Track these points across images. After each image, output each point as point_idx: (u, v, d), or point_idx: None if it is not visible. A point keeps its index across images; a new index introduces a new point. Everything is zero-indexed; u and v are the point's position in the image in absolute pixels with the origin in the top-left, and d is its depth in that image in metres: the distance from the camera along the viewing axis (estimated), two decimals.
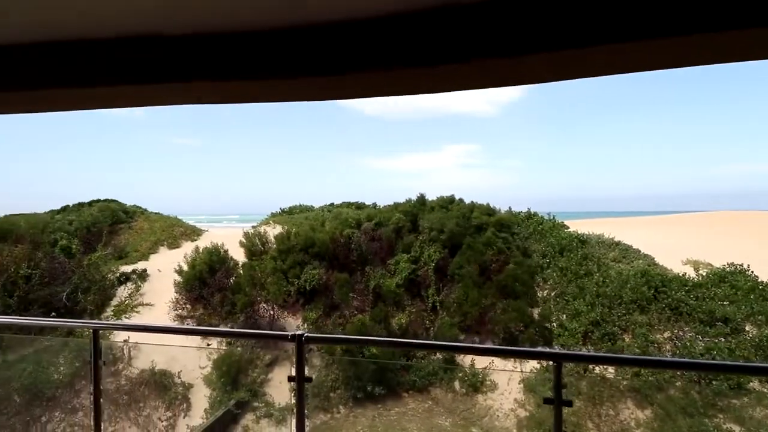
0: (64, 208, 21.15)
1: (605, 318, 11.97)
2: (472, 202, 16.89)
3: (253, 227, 16.56)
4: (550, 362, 2.49)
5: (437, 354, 12.43)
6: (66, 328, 2.92)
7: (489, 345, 11.34)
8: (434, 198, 16.69)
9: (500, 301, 12.70)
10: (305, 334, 2.52)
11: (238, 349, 11.70)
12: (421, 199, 16.30)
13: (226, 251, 13.40)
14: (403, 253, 13.93)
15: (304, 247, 13.60)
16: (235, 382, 10.73)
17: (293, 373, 2.56)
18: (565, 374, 2.24)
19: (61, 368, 10.37)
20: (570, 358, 4.29)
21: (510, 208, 17.51)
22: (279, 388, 11.26)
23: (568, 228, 16.81)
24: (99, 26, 1.21)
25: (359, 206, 19.45)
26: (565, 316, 12.64)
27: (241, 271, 12.56)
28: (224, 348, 11.79)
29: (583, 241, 15.34)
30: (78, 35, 1.26)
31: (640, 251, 15.62)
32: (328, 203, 22.78)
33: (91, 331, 2.79)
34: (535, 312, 13.00)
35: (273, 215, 20.61)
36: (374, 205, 19.03)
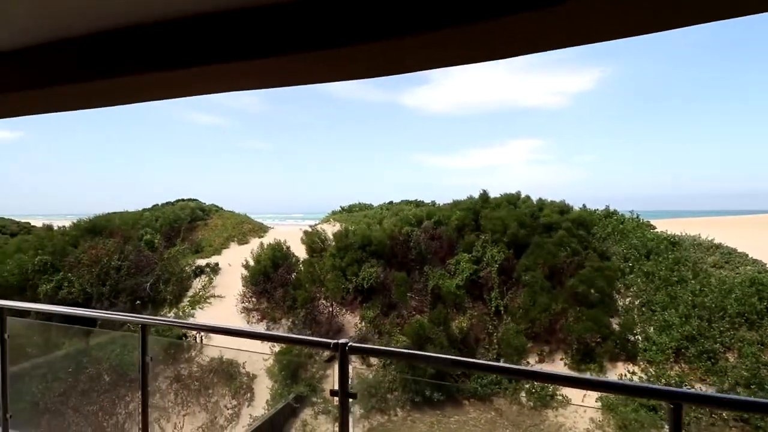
0: (154, 207, 23.51)
1: (703, 333, 10.32)
2: (540, 198, 15.66)
3: (311, 226, 16.91)
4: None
5: (502, 361, 11.62)
6: (119, 320, 2.96)
7: (574, 374, 9.95)
8: (498, 195, 15.75)
9: (573, 308, 11.54)
10: (349, 344, 2.20)
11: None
12: (484, 196, 15.44)
13: (288, 248, 13.79)
14: (464, 253, 13.27)
15: (361, 245, 13.53)
16: (295, 376, 10.93)
17: (336, 386, 2.25)
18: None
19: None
20: (693, 399, 3.21)
21: (584, 205, 15.96)
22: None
23: (654, 228, 14.88)
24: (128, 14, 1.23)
25: (419, 204, 19.04)
26: (652, 328, 11.13)
27: (302, 268, 12.81)
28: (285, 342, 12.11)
29: (674, 242, 13.44)
30: (114, 24, 1.31)
31: (747, 256, 13.31)
32: (388, 201, 22.69)
33: (139, 326, 2.72)
34: (615, 322, 11.63)
35: (333, 213, 20.99)
36: (434, 203, 18.51)
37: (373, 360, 11.84)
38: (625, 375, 10.44)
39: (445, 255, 13.50)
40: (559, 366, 11.14)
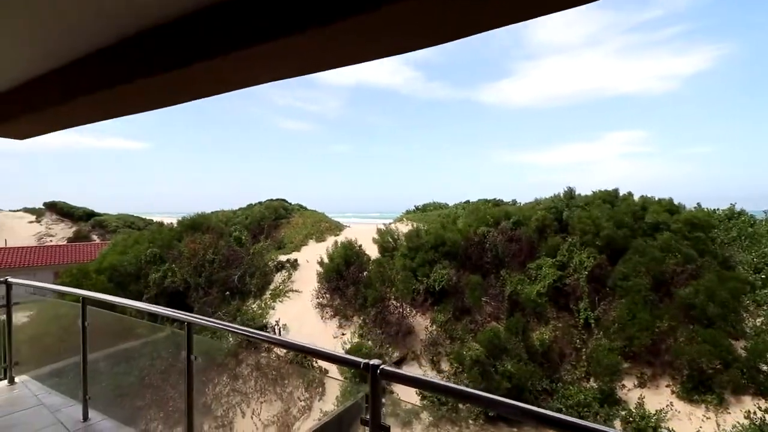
0: (247, 206, 25.73)
1: None
2: (642, 196, 13.61)
3: (384, 224, 16.87)
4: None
5: (591, 381, 10.28)
6: (167, 316, 3.06)
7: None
8: (589, 193, 14.05)
9: (684, 327, 9.74)
10: (381, 367, 1.86)
11: (369, 342, 11.93)
12: (570, 193, 13.90)
13: (359, 246, 13.90)
14: (547, 257, 12.05)
15: (434, 245, 13.07)
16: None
17: (368, 416, 1.93)
18: None
19: (230, 339, 12.34)
20: None
21: (699, 204, 13.48)
22: (406, 388, 11.01)
23: None
24: None
25: (497, 203, 17.91)
26: None
27: (373, 267, 12.79)
28: (356, 340, 12.19)
29: None
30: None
31: None
32: (464, 201, 21.81)
33: (185, 324, 2.70)
34: (740, 346, 9.55)
35: (407, 213, 20.79)
36: (514, 202, 17.25)
37: (445, 365, 11.35)
38: (755, 412, 8.47)
39: (524, 258, 12.42)
40: (664, 394, 9.48)
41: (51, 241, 43.71)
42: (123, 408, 3.62)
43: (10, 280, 4.41)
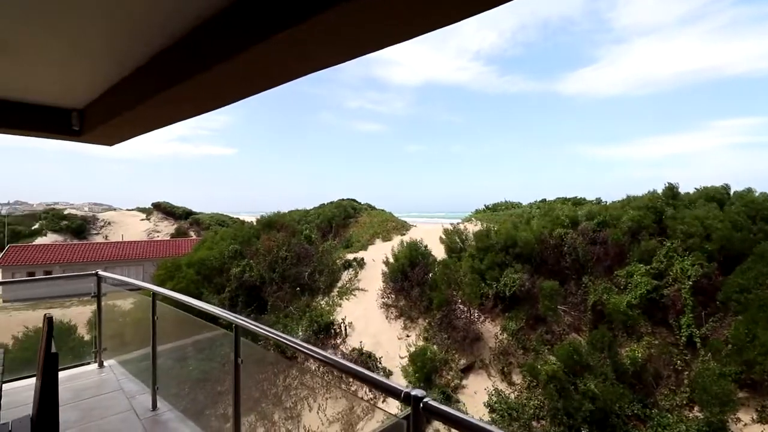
0: (320, 205, 26.82)
1: None
2: (763, 193, 11.32)
3: (452, 224, 16.27)
4: None
5: (695, 410, 8.76)
6: (215, 315, 3.08)
7: None
8: (691, 190, 12.07)
9: None
10: (425, 400, 1.55)
11: (434, 347, 11.54)
12: (671, 190, 12.05)
13: (425, 246, 13.55)
14: (640, 263, 10.57)
15: (504, 247, 12.23)
16: (429, 381, 10.57)
17: None
18: None
19: (300, 334, 12.83)
20: None
21: None
22: (473, 399, 10.44)
23: None
24: None
25: (577, 202, 16.29)
26: None
27: (438, 268, 12.35)
28: (421, 343, 11.88)
29: None
30: None
31: None
32: (540, 199, 20.25)
33: (233, 326, 2.64)
34: None
35: (476, 212, 19.89)
36: (598, 201, 15.54)
37: (516, 377, 10.53)
38: None
39: (611, 264, 11.04)
40: None
41: (158, 236, 50.12)
42: (187, 401, 3.76)
43: (101, 273, 4.88)
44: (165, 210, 56.95)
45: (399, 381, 11.07)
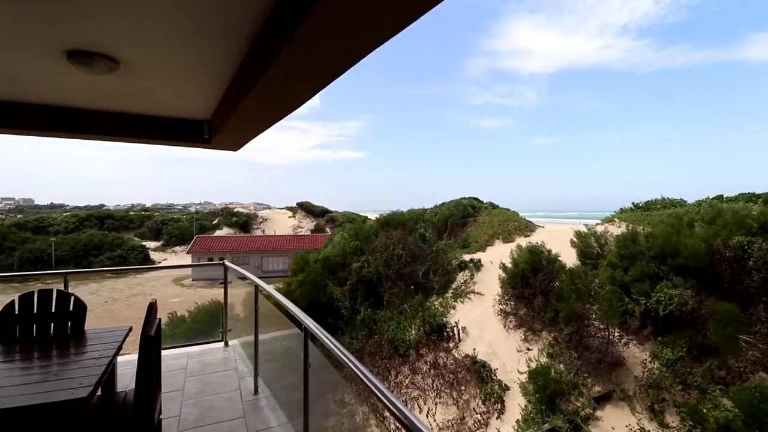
0: (442, 204, 26.57)
1: None
2: None
3: (586, 226, 14.01)
4: None
5: None
6: (290, 312, 3.07)
7: None
8: None
9: None
10: None
11: (560, 366, 10.09)
12: None
13: (549, 251, 11.96)
14: None
15: (659, 255, 9.93)
16: (552, 404, 9.26)
17: None
18: None
19: (413, 333, 12.74)
20: None
21: None
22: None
23: None
24: None
25: None
26: None
27: (566, 276, 10.73)
28: (544, 360, 10.53)
29: None
30: None
31: None
32: (714, 196, 15.97)
33: (303, 328, 2.54)
34: None
35: (621, 211, 16.76)
36: None
37: (671, 418, 8.38)
38: None
39: None
40: None
41: (300, 231, 57.27)
42: (282, 391, 3.89)
43: (227, 263, 5.50)
44: (306, 209, 64.72)
45: (516, 399, 10.01)
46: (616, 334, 10.00)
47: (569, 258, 12.45)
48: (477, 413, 9.94)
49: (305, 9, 1.45)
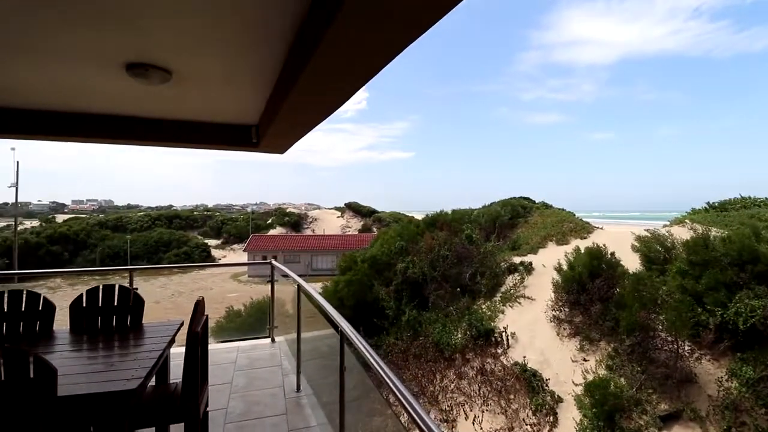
0: (491, 204, 25.81)
1: None
2: None
3: (652, 228, 12.84)
4: None
5: None
6: (327, 313, 3.04)
7: None
8: None
9: None
10: None
11: (621, 380, 9.34)
12: None
13: (611, 254, 11.11)
14: None
15: (738, 261, 8.86)
16: (611, 420, 8.59)
17: None
18: None
19: (459, 337, 12.42)
20: None
21: None
22: None
23: None
24: None
25: None
26: None
27: (628, 282, 9.90)
28: (603, 372, 9.81)
29: None
30: None
31: None
32: None
33: (339, 330, 2.54)
34: None
35: (694, 212, 15.17)
36: None
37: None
38: None
39: None
40: None
41: (348, 231, 58.41)
42: (324, 390, 3.94)
43: (273, 263, 5.69)
44: (354, 209, 65.88)
45: (571, 412, 9.40)
46: (687, 347, 9.07)
47: (631, 263, 11.49)
48: (527, 424, 9.47)
49: (332, 12, 1.49)
